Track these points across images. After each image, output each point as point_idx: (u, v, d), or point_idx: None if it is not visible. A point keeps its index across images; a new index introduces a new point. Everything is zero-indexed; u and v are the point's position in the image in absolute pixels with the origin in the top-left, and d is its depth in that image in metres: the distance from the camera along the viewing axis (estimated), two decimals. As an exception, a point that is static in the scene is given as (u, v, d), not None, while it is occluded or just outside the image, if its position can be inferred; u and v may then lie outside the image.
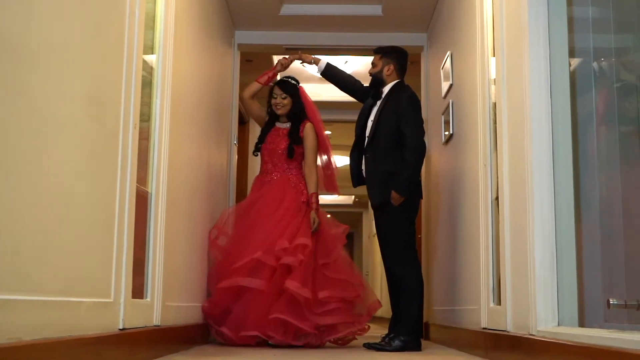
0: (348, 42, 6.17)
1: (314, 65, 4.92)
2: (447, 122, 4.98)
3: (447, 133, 5.00)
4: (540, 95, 2.93)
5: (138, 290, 3.17)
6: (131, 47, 2.90)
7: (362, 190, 4.67)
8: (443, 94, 5.17)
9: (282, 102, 4.92)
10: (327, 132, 10.56)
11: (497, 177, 3.48)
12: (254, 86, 4.99)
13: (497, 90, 3.48)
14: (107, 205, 2.69)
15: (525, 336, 2.87)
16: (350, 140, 4.70)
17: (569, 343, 2.33)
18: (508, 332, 3.18)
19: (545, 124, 2.90)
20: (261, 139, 4.97)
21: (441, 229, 5.26)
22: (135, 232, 3.00)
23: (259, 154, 4.98)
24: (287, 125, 4.96)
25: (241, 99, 4.94)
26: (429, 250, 5.73)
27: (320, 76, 4.92)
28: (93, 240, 2.54)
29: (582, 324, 2.78)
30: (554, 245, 2.82)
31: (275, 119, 4.99)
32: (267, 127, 5.00)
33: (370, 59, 7.07)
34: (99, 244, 2.61)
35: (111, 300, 2.70)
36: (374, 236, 14.60)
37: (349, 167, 4.70)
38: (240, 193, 6.84)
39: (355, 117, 8.47)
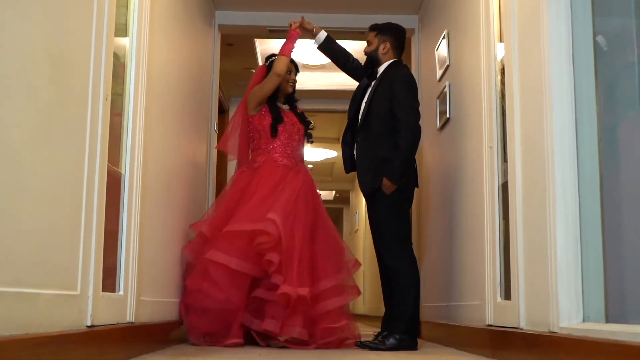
0: (334, 23, 5.83)
1: (313, 36, 4.52)
2: (442, 106, 4.67)
3: (442, 118, 4.70)
4: (561, 66, 2.63)
5: (109, 283, 2.82)
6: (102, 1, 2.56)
7: (343, 185, 4.37)
8: (438, 77, 4.86)
9: (295, 80, 4.53)
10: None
11: (507, 160, 3.18)
12: (286, 60, 4.39)
13: (506, 65, 3.17)
14: (74, 183, 2.35)
15: (545, 334, 2.57)
16: (334, 132, 4.38)
17: (609, 342, 2.03)
18: (521, 329, 2.88)
19: (567, 99, 2.61)
20: (279, 118, 4.40)
21: (434, 221, 4.95)
22: (107, 217, 2.66)
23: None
24: (287, 107, 4.55)
25: (279, 76, 4.35)
26: (420, 244, 5.42)
27: (317, 48, 4.54)
28: (56, 223, 2.19)
29: (608, 319, 2.48)
30: (578, 229, 2.52)
31: (275, 99, 4.49)
32: (275, 106, 4.46)
33: (357, 42, 6.80)
34: (64, 228, 2.26)
35: (77, 293, 2.35)
36: (355, 232, 14.30)
37: (331, 159, 4.36)
38: (220, 182, 6.49)
39: (340, 107, 8.16)
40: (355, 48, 6.66)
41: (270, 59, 4.55)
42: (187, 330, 4.06)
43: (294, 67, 4.54)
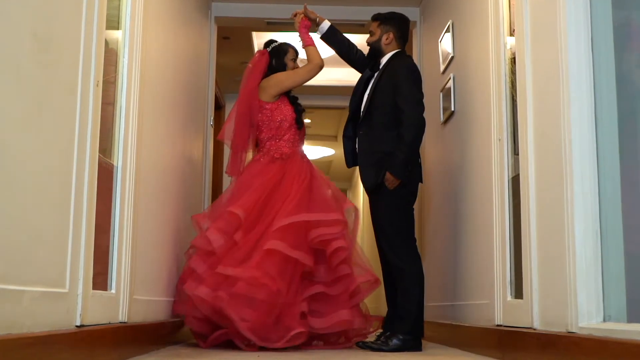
0: (333, 15, 5.64)
1: (316, 26, 4.35)
2: (446, 100, 4.53)
3: (446, 112, 4.56)
4: (580, 54, 2.49)
5: (100, 281, 2.67)
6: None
7: (340, 184, 4.18)
8: (441, 69, 4.72)
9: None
10: (307, 121, 10.13)
11: (518, 153, 3.04)
12: (317, 50, 4.24)
13: (518, 55, 3.03)
14: (62, 174, 2.20)
15: (563, 334, 2.43)
16: (331, 129, 4.20)
17: (636, 342, 1.89)
18: (535, 329, 2.74)
19: (586, 89, 2.46)
20: (303, 110, 4.26)
21: (437, 217, 4.81)
22: (98, 210, 2.51)
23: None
24: None
25: (321, 68, 4.19)
26: (422, 241, 5.27)
27: (320, 39, 4.36)
28: (43, 216, 2.04)
29: (629, 319, 2.34)
30: (598, 223, 2.38)
31: None
32: (294, 97, 4.28)
33: (356, 36, 6.65)
34: (51, 221, 2.11)
35: (66, 290, 2.20)
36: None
37: (329, 157, 4.18)
38: (216, 180, 6.35)
39: (338, 103, 8.00)
40: (356, 41, 6.54)
41: (271, 44, 4.32)
42: (228, 327, 3.62)
43: (297, 56, 4.35)
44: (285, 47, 4.28)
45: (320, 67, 4.20)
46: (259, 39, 6.90)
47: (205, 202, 5.21)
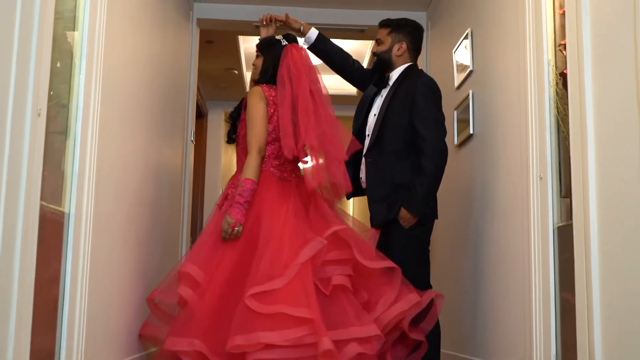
0: (328, 20, 5.10)
1: (302, 35, 3.70)
2: (463, 119, 3.94)
3: (462, 134, 3.96)
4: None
5: (45, 355, 2.05)
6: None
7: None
8: (456, 84, 4.11)
9: (255, 64, 3.43)
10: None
11: (568, 196, 2.46)
12: None
13: (570, 73, 2.43)
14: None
15: None
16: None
17: None
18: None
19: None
20: None
21: (448, 258, 4.18)
22: (41, 269, 1.90)
23: None
24: None
25: None
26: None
27: (308, 49, 3.69)
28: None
29: None
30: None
31: None
32: None
33: (356, 42, 6.06)
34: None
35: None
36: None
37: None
38: (196, 200, 5.73)
39: (342, 113, 7.40)
40: (351, 48, 5.95)
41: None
42: None
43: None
44: None
45: None
46: (246, 43, 6.29)
47: (184, 232, 4.58)
